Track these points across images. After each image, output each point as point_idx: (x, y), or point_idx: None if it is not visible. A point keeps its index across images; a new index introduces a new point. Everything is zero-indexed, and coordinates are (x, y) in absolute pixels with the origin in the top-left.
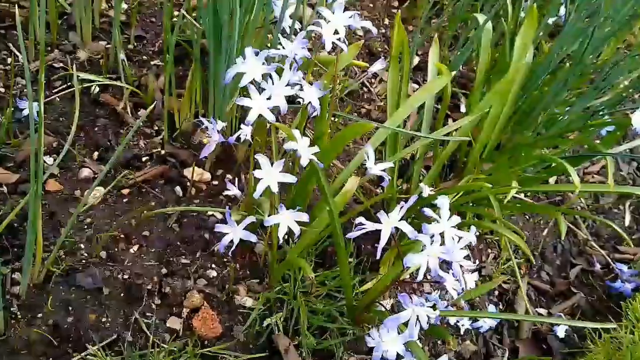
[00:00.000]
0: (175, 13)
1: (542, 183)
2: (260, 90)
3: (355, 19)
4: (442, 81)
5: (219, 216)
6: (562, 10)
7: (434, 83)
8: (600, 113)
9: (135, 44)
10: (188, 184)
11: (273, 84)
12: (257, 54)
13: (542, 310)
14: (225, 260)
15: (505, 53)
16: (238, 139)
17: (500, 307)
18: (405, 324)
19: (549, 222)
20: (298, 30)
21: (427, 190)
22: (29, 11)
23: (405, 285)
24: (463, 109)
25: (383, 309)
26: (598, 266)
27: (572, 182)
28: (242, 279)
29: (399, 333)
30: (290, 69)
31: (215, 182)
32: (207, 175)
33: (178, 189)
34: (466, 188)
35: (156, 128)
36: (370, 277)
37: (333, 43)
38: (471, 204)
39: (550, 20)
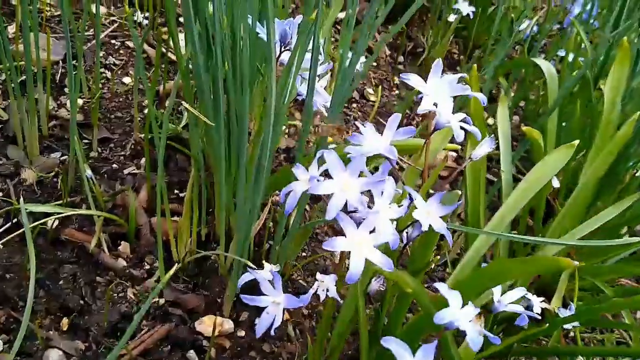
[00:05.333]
0: (144, 101)
1: None
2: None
3: (459, 86)
4: (554, 165)
5: None
6: None
7: (536, 178)
8: None
9: (100, 149)
10: (205, 342)
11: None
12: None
13: None
14: None
15: (589, 104)
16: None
17: None
18: None
19: None
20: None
21: (537, 304)
22: None
23: None
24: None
25: None
26: None
27: None
28: None
29: None
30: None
31: (241, 333)
32: (229, 325)
33: (192, 354)
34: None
35: (147, 266)
36: None
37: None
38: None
39: None
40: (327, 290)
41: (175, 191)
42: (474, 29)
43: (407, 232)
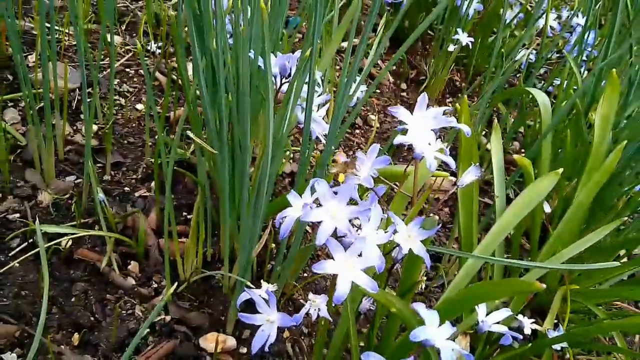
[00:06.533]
0: (155, 127)
1: None
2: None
3: (444, 118)
4: (541, 191)
5: None
6: None
7: (524, 202)
8: None
9: (113, 173)
10: (208, 359)
11: (358, 229)
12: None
13: None
14: None
15: (580, 134)
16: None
17: None
18: None
19: None
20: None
21: (528, 325)
22: None
23: None
24: None
25: None
26: None
27: None
28: None
29: None
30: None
31: (244, 350)
32: (232, 342)
33: None
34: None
35: (155, 285)
36: None
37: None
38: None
39: None
40: (319, 310)
41: (184, 213)
42: (474, 57)
43: (394, 254)
